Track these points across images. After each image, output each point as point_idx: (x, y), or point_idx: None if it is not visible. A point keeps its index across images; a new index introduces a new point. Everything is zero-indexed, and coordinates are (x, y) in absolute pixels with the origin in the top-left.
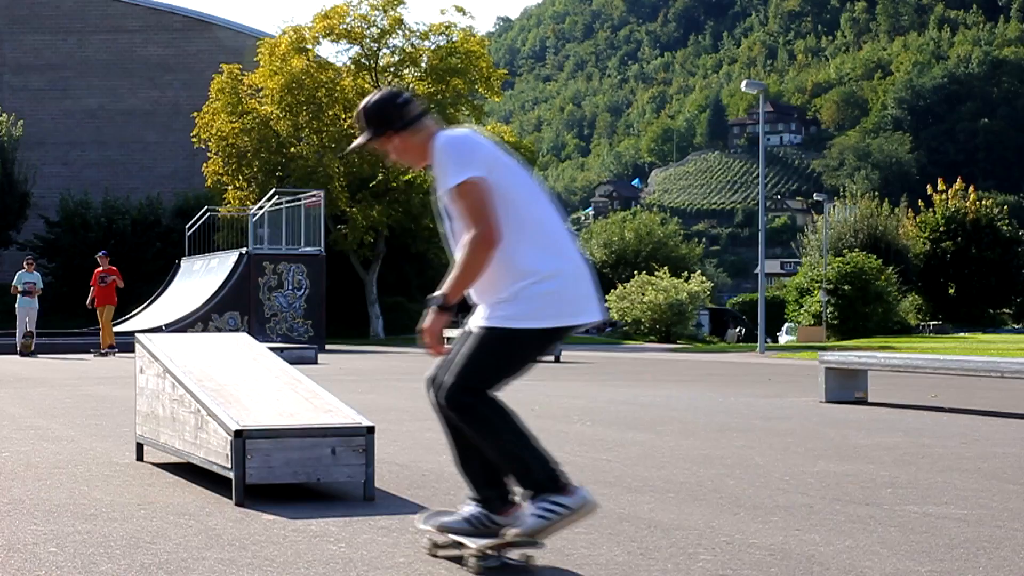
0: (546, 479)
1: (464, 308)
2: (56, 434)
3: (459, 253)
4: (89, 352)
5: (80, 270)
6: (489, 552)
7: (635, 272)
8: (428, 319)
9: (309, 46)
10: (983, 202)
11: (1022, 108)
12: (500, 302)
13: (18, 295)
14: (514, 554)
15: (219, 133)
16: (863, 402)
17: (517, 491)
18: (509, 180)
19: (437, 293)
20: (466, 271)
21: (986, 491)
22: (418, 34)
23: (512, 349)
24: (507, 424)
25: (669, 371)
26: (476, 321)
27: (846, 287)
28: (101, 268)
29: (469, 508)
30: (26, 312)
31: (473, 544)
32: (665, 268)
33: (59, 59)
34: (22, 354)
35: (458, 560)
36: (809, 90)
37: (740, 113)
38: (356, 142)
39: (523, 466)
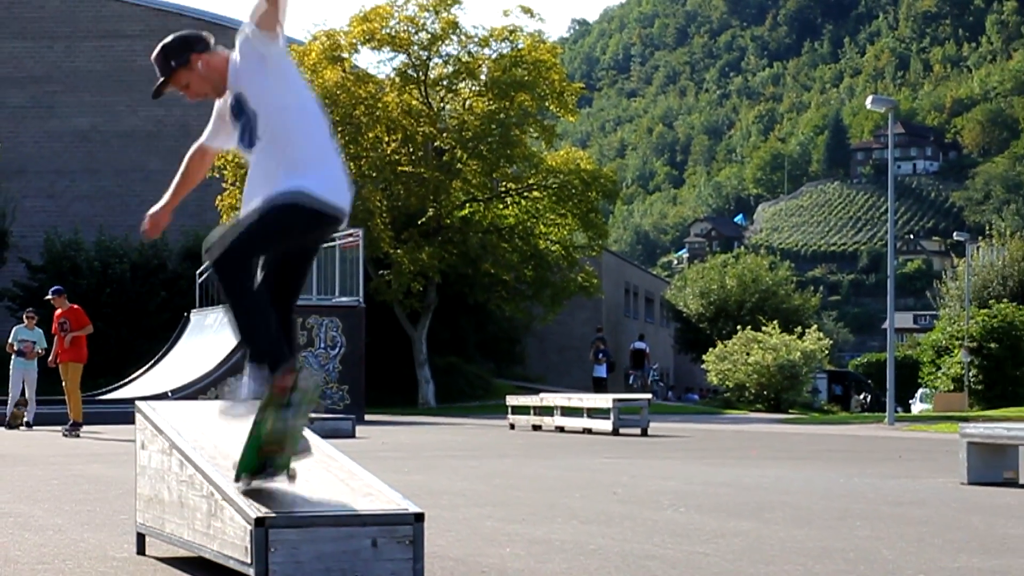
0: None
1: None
2: (40, 523)
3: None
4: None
5: None
6: None
7: (738, 328)
8: None
9: (345, 54)
10: None
11: None
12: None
13: (12, 355)
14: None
15: (236, 160)
16: (1013, 484)
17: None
18: None
19: None
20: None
21: None
22: (477, 40)
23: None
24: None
25: (779, 446)
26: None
27: (993, 345)
28: (59, 311)
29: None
30: (21, 374)
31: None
32: (774, 323)
33: (43, 70)
34: (9, 426)
35: None
36: (948, 108)
37: (865, 135)
38: (159, 83)
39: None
